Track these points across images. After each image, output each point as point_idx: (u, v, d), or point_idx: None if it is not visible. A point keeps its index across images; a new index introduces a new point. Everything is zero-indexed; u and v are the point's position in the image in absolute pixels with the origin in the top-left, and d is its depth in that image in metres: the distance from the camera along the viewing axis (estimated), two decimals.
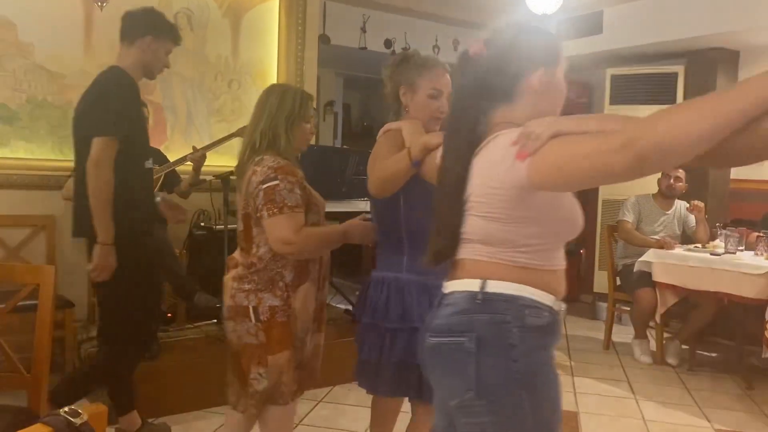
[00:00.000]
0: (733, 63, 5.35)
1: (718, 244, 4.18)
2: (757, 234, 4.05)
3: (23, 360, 2.09)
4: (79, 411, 0.81)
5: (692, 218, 4.58)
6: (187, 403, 3.24)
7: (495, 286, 1.33)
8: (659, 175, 4.58)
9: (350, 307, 4.26)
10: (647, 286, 4.24)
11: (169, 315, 3.88)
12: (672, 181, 4.53)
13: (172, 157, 3.79)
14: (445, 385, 1.38)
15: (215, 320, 3.73)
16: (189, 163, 3.72)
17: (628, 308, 4.67)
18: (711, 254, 3.95)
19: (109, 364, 2.72)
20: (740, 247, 4.00)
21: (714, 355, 4.54)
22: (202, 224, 4.08)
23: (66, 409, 0.80)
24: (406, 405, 2.20)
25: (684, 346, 4.36)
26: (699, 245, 4.29)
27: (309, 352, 2.19)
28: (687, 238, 4.57)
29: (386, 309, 1.98)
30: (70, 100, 3.89)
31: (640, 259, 4.27)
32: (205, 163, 4.18)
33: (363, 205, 4.14)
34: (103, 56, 3.98)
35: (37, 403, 2.01)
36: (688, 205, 4.57)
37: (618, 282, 4.69)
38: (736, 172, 5.30)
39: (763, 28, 4.65)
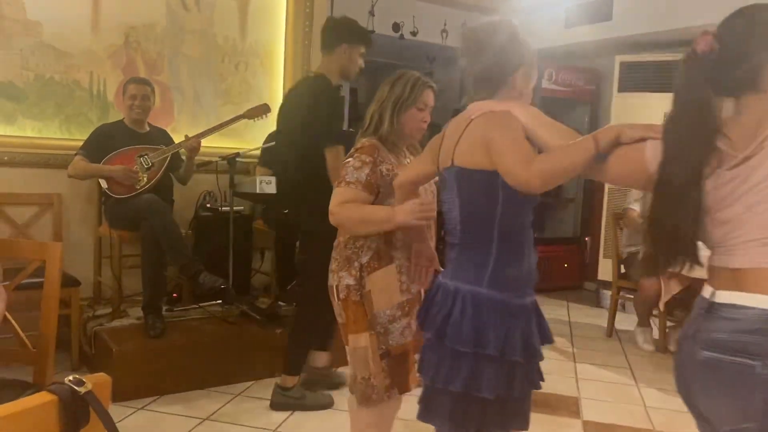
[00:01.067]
0: None
1: None
2: None
3: (29, 337, 2.11)
4: (83, 380, 0.82)
5: None
6: (191, 382, 3.27)
7: None
8: None
9: None
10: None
11: (175, 295, 3.91)
12: None
13: (177, 139, 3.80)
14: (718, 406, 1.28)
15: (220, 300, 3.76)
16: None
17: (632, 296, 4.68)
18: None
19: (303, 324, 3.09)
20: None
21: None
22: (208, 205, 4.10)
23: (70, 377, 0.81)
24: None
25: None
26: None
27: (403, 344, 2.13)
28: None
29: (458, 327, 1.64)
30: (77, 79, 3.90)
31: None
32: (212, 145, 4.21)
33: None
34: (111, 35, 3.99)
35: (43, 378, 2.03)
36: None
37: (622, 270, 4.69)
38: None
39: None
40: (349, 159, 2.13)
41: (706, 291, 1.32)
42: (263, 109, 3.88)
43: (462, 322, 1.62)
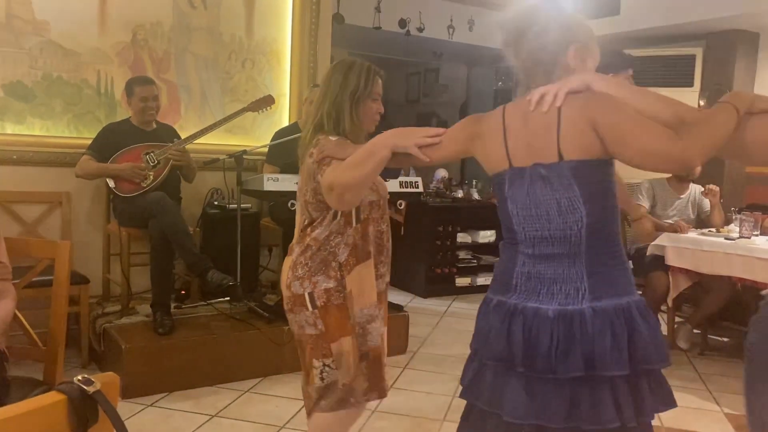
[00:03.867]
0: (752, 45, 5.26)
1: (733, 228, 4.15)
2: None
3: (39, 335, 2.13)
4: (92, 379, 0.82)
5: (707, 202, 4.54)
6: (200, 379, 3.29)
7: None
8: None
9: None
10: (660, 269, 4.22)
11: (183, 292, 3.93)
12: None
13: (184, 136, 3.81)
14: None
15: (228, 297, 3.77)
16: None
17: (640, 292, 4.65)
18: (725, 239, 3.92)
19: None
20: (755, 232, 3.97)
21: (726, 340, 4.52)
22: (216, 203, 4.11)
23: (79, 377, 0.82)
24: None
25: (696, 331, 4.34)
26: (713, 229, 4.26)
27: (379, 347, 2.06)
28: (701, 222, 4.54)
29: (650, 345, 1.42)
30: (85, 78, 3.92)
31: (653, 243, 4.25)
32: (219, 143, 4.22)
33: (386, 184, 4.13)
34: (118, 33, 4.00)
35: (53, 376, 2.05)
36: (702, 189, 4.52)
37: (631, 265, 4.66)
38: None
39: None
40: (326, 141, 1.94)
41: None
42: (267, 101, 3.88)
43: (655, 336, 1.43)
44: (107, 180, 3.62)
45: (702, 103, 5.29)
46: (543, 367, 1.41)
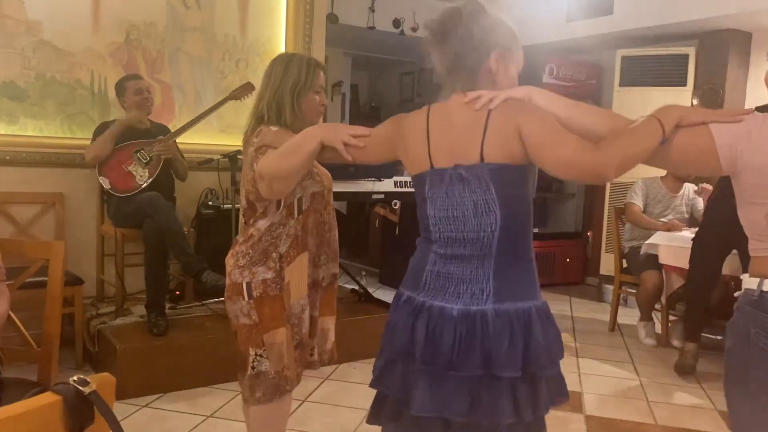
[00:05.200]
0: (745, 44, 5.29)
1: None
2: None
3: (33, 336, 2.12)
4: (88, 380, 0.82)
5: (700, 201, 4.57)
6: (195, 380, 3.28)
7: None
8: None
9: (356, 287, 4.29)
10: (654, 268, 4.24)
11: (177, 293, 3.92)
12: None
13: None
14: None
15: (222, 298, 3.76)
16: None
17: (634, 290, 4.68)
18: None
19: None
20: None
21: (719, 337, 4.53)
22: (210, 203, 4.10)
23: (75, 378, 0.82)
24: None
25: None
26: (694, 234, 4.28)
27: (308, 331, 2.12)
28: (695, 221, 4.56)
29: (544, 350, 1.48)
30: (78, 78, 3.91)
31: (646, 242, 4.27)
32: (214, 143, 4.22)
33: (370, 185, 4.14)
34: (111, 33, 3.99)
35: (47, 377, 2.04)
36: (696, 188, 4.55)
37: (624, 264, 4.69)
38: None
39: None
40: (267, 131, 1.96)
41: (751, 282, 1.35)
42: (248, 88, 3.88)
43: (549, 342, 1.48)
44: (101, 181, 3.61)
45: (695, 102, 5.31)
46: (443, 364, 1.45)
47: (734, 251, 3.69)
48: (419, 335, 1.48)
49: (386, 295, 4.30)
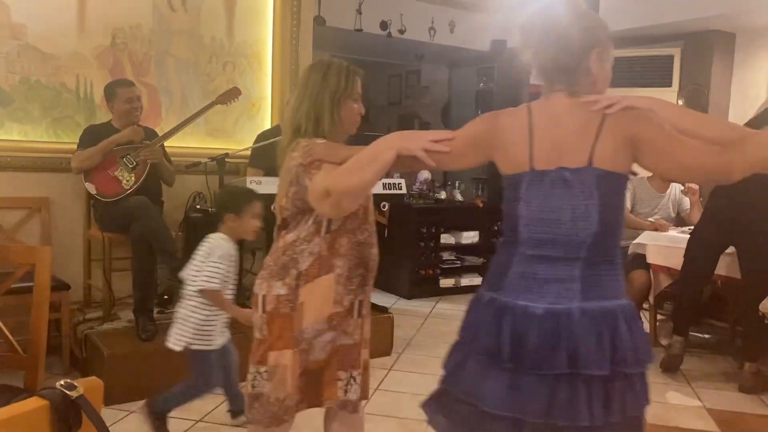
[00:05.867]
0: (729, 45, 5.34)
1: None
2: None
3: (19, 342, 2.10)
4: (75, 384, 0.82)
5: (687, 201, 4.60)
6: None
7: None
8: None
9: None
10: (641, 267, 4.26)
11: (166, 297, 3.89)
12: None
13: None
14: None
15: None
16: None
17: None
18: None
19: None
20: None
21: (707, 336, 4.57)
22: (198, 206, 4.08)
23: (62, 382, 0.81)
24: None
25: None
26: (693, 227, 4.31)
27: (321, 360, 1.94)
28: (681, 220, 4.59)
29: (634, 348, 1.48)
30: (63, 81, 3.88)
31: (634, 241, 4.29)
32: (201, 146, 4.20)
33: None
34: (97, 36, 3.96)
35: (34, 383, 2.02)
36: (683, 187, 4.58)
37: None
38: None
39: (759, 10, 4.64)
40: (313, 144, 1.84)
41: None
42: (234, 93, 3.87)
43: (636, 342, 1.47)
44: (87, 186, 3.58)
45: (680, 102, 5.35)
46: (530, 364, 1.43)
47: (730, 249, 3.72)
48: (505, 335, 1.47)
49: (375, 297, 4.29)
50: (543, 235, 1.48)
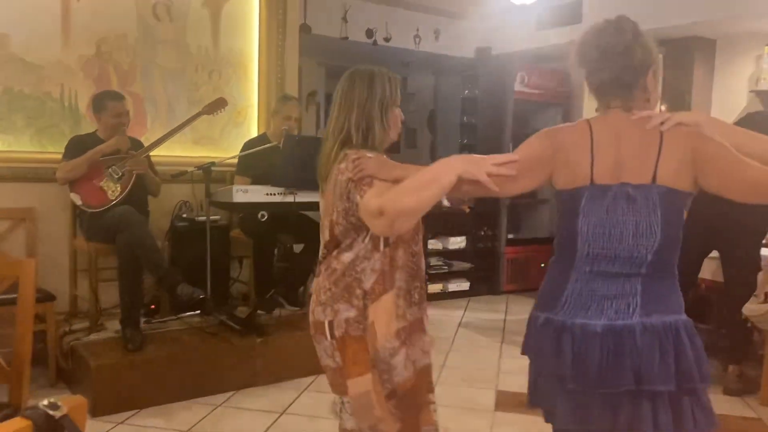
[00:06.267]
0: (710, 52, 5.41)
1: None
2: None
3: (4, 355, 2.08)
4: (59, 404, 0.82)
5: None
6: (172, 394, 3.25)
7: None
8: None
9: None
10: None
11: (152, 307, 3.88)
12: None
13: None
14: None
15: (198, 311, 3.74)
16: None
17: None
18: None
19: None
20: None
21: None
22: (184, 215, 4.08)
23: (45, 402, 0.82)
24: None
25: None
26: None
27: (408, 381, 1.85)
28: None
29: (698, 363, 1.48)
30: (48, 91, 3.86)
31: None
32: (187, 155, 4.20)
33: None
34: (82, 46, 3.95)
35: (19, 398, 2.01)
36: None
37: None
38: None
39: (738, 17, 4.71)
40: (363, 158, 1.77)
41: None
42: (220, 103, 3.87)
43: (699, 358, 1.46)
44: (72, 197, 3.56)
45: (663, 108, 5.41)
46: (594, 383, 1.45)
47: (714, 253, 3.76)
48: (566, 356, 1.47)
49: None
50: (602, 251, 1.48)
